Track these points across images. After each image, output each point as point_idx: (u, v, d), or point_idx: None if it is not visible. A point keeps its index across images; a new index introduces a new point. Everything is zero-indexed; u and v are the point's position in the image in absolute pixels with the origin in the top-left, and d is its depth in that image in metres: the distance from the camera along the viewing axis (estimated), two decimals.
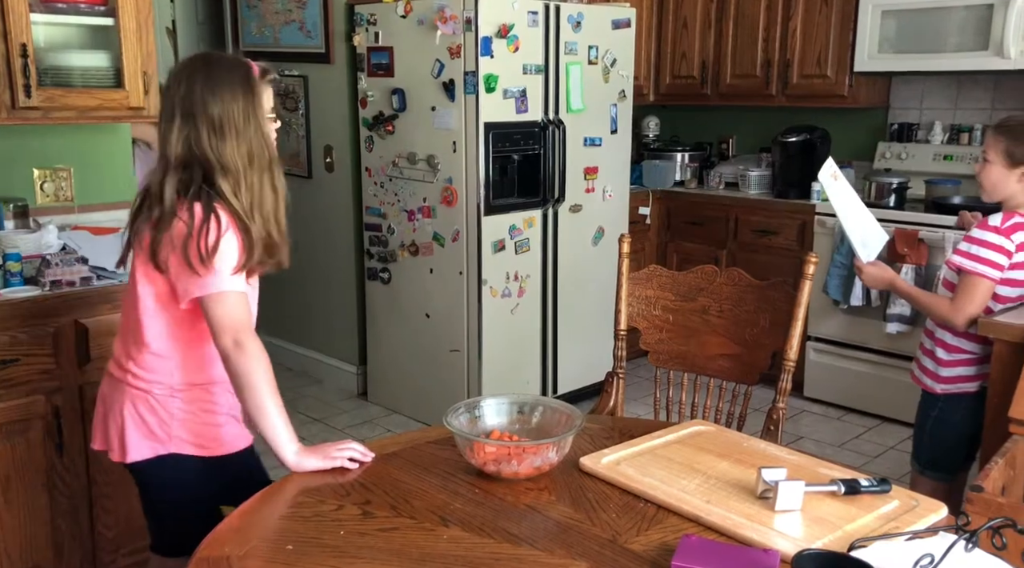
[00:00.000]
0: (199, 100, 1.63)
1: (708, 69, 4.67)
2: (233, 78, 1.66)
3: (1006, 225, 2.17)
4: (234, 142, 1.64)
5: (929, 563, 1.12)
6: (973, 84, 4.10)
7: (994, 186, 2.22)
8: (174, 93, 1.65)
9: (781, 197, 4.26)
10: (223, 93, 1.64)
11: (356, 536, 1.35)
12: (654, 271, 2.30)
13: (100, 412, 1.79)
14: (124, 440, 1.70)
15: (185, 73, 1.66)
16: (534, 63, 3.57)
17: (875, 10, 3.97)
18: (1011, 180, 2.19)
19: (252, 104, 1.67)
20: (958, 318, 2.21)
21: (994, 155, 2.20)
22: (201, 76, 1.64)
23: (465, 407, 1.65)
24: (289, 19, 4.13)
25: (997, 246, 2.16)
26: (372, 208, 3.91)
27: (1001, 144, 2.18)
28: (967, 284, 2.20)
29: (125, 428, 1.70)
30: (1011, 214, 2.19)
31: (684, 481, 1.50)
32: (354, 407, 4.07)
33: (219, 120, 1.62)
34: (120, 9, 2.48)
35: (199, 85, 1.63)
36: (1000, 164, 2.19)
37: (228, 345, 1.58)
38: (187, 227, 1.58)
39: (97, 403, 1.81)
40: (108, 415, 1.74)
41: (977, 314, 2.20)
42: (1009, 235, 2.16)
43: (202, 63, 1.68)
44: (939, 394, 2.32)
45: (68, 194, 2.75)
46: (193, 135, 1.62)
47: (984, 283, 2.18)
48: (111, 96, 2.51)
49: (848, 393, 4.03)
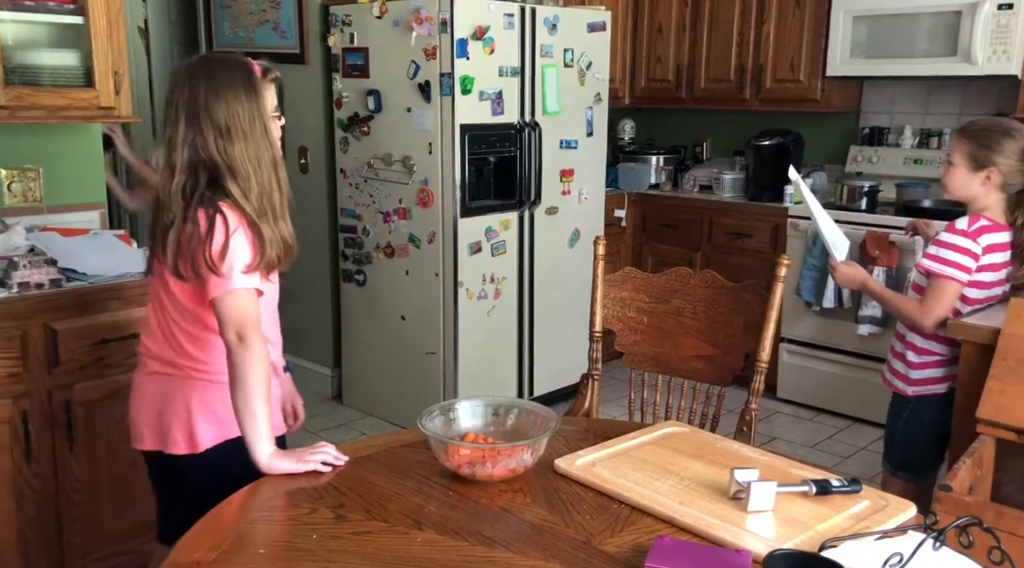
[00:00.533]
0: (203, 104, 1.64)
1: (683, 73, 4.70)
2: (235, 80, 1.66)
3: (973, 228, 2.20)
4: (242, 144, 1.65)
5: (898, 562, 1.13)
6: (942, 89, 4.17)
7: (958, 189, 2.26)
8: (177, 98, 1.66)
9: (754, 200, 4.30)
10: (227, 96, 1.64)
11: (329, 540, 1.34)
12: (629, 273, 2.31)
13: (150, 412, 1.77)
14: (193, 430, 1.72)
15: (186, 77, 1.67)
16: (510, 65, 3.57)
17: (847, 16, 4.02)
18: (974, 183, 2.22)
19: (256, 105, 1.68)
20: (926, 320, 2.24)
21: (959, 158, 2.23)
22: (203, 80, 1.65)
23: (440, 410, 1.64)
24: (263, 19, 4.10)
25: (964, 249, 2.20)
26: (347, 210, 3.89)
27: (965, 147, 2.22)
28: (935, 287, 2.23)
29: (193, 418, 1.72)
30: (977, 217, 2.22)
31: (658, 482, 1.51)
32: (329, 410, 4.04)
33: (225, 123, 1.64)
34: (90, 8, 2.45)
35: (202, 89, 1.64)
36: (964, 167, 2.22)
37: (232, 338, 1.60)
38: (196, 232, 1.61)
39: (140, 405, 1.79)
40: (166, 412, 1.74)
41: (945, 316, 2.23)
42: (976, 238, 2.20)
43: (202, 66, 1.69)
44: (910, 396, 2.35)
45: (37, 195, 2.71)
46: (200, 140, 1.64)
47: (952, 285, 2.21)
48: (81, 95, 2.48)
49: (820, 394, 4.08)
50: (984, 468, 1.98)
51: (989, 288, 2.26)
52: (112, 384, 2.37)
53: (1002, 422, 1.96)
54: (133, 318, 2.38)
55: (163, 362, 1.76)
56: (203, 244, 1.59)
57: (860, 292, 3.76)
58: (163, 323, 1.75)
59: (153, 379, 1.78)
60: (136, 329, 2.38)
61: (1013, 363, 2.01)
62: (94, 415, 2.36)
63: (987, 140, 2.19)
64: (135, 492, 2.47)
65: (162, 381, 1.77)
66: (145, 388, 1.79)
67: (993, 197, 2.23)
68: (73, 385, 2.30)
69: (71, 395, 2.30)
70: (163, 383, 1.76)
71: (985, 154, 2.19)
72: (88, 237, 2.63)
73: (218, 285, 1.60)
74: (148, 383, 1.79)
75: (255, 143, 1.67)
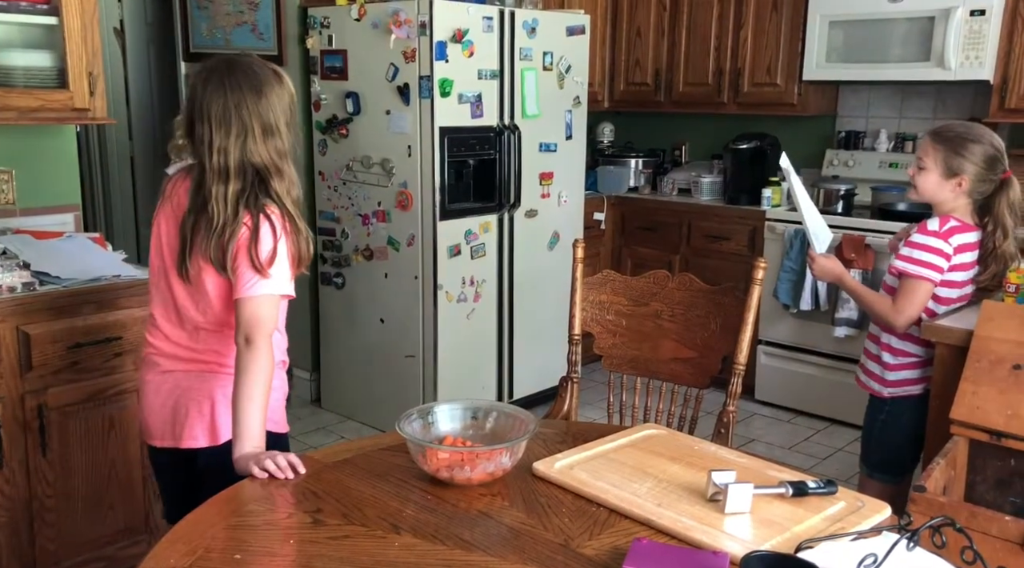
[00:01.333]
0: (249, 106, 1.67)
1: (661, 77, 4.72)
2: (269, 78, 1.72)
3: (944, 229, 2.23)
4: (281, 142, 1.72)
5: (872, 563, 1.14)
6: (916, 94, 4.22)
7: (929, 193, 2.28)
8: (210, 102, 1.68)
9: (732, 203, 4.33)
10: (269, 95, 1.70)
11: (307, 544, 1.33)
12: (608, 276, 2.32)
13: (165, 409, 1.79)
14: (215, 423, 1.75)
15: (222, 80, 1.68)
16: (489, 68, 3.57)
17: (823, 21, 4.06)
18: (946, 189, 2.25)
19: (286, 102, 1.74)
20: (898, 319, 2.27)
21: (931, 163, 2.25)
22: (242, 81, 1.68)
23: (418, 413, 1.64)
24: (241, 21, 4.07)
25: (936, 249, 2.22)
26: (325, 212, 3.87)
27: (940, 154, 2.24)
28: (907, 287, 2.25)
29: (216, 412, 1.76)
30: (947, 218, 2.25)
31: (636, 485, 1.51)
32: (307, 414, 4.02)
33: (272, 123, 1.70)
34: (64, 8, 2.43)
35: (245, 90, 1.68)
36: (937, 173, 2.25)
37: (240, 341, 1.65)
38: (240, 235, 1.66)
39: (154, 403, 1.81)
40: (189, 407, 1.77)
41: (916, 316, 2.26)
42: (947, 238, 2.23)
43: (236, 68, 1.71)
44: (886, 398, 2.37)
45: (9, 197, 2.68)
46: (250, 142, 1.68)
47: (924, 285, 2.23)
48: (54, 97, 2.45)
49: (798, 396, 4.11)
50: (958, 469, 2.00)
51: (961, 287, 2.30)
52: (86, 388, 2.34)
53: (975, 423, 1.99)
54: (108, 322, 2.36)
55: (180, 359, 1.79)
56: (247, 247, 1.64)
57: (836, 295, 3.80)
58: (184, 321, 1.78)
59: (169, 377, 1.81)
60: (111, 332, 2.36)
61: (986, 365, 2.03)
62: (68, 420, 2.33)
63: (961, 148, 2.21)
64: (110, 499, 2.44)
65: (179, 378, 1.79)
66: (160, 386, 1.81)
67: (961, 201, 2.27)
68: (46, 389, 2.28)
69: (44, 399, 2.27)
70: (181, 379, 1.79)
71: (959, 162, 2.21)
72: (62, 240, 2.60)
73: (250, 287, 1.65)
74: (163, 381, 1.81)
75: (287, 140, 1.73)
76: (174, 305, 1.78)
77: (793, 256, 3.91)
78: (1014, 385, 1.98)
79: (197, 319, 1.76)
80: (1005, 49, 3.62)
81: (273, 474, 1.53)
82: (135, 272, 2.46)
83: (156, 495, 2.51)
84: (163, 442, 1.80)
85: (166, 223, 1.78)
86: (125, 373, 2.41)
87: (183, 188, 1.75)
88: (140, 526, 2.51)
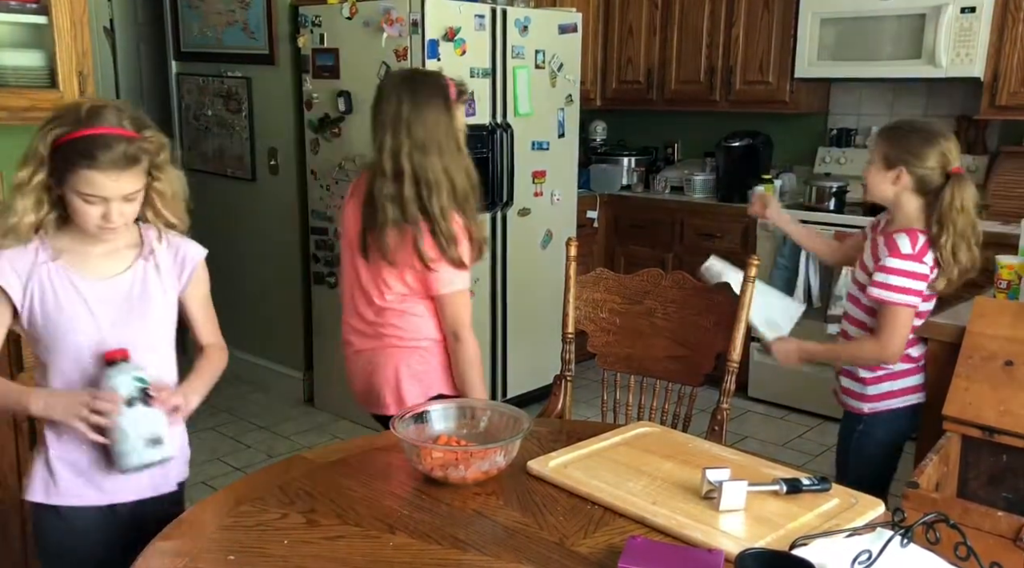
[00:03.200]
0: (405, 119, 1.95)
1: (653, 75, 4.72)
2: (436, 98, 1.99)
3: (918, 248, 2.12)
4: (436, 157, 1.96)
5: (867, 559, 1.15)
6: (907, 91, 4.23)
7: (872, 186, 2.22)
8: (384, 109, 1.99)
9: (725, 201, 4.33)
10: (427, 114, 1.96)
11: (301, 545, 1.33)
12: (601, 274, 2.32)
13: (362, 381, 2.16)
14: (400, 392, 2.07)
15: (393, 91, 1.99)
16: (481, 67, 3.57)
17: (814, 18, 4.06)
18: (887, 181, 2.17)
19: (450, 124, 2.00)
20: (888, 354, 2.15)
21: (874, 156, 2.21)
22: (407, 96, 1.97)
23: (412, 413, 1.63)
24: (232, 20, 4.05)
25: (912, 273, 2.11)
26: (318, 211, 3.86)
27: (880, 147, 2.19)
28: (889, 317, 2.12)
29: (400, 381, 2.07)
30: (915, 234, 2.13)
31: (630, 483, 1.51)
32: (301, 414, 4.01)
33: (423, 139, 1.95)
34: (54, 7, 2.41)
35: (405, 105, 1.96)
36: (877, 165, 2.20)
37: (450, 337, 2.05)
38: (428, 234, 1.96)
39: (356, 377, 2.18)
40: (380, 381, 2.10)
41: (903, 344, 2.15)
42: (922, 258, 2.12)
43: (407, 82, 2.01)
44: (866, 413, 2.27)
45: None
46: (414, 152, 1.95)
47: (906, 312, 2.12)
48: (45, 97, 2.44)
49: (791, 393, 4.12)
50: (950, 465, 2.01)
51: (935, 298, 2.22)
52: None
53: (968, 419, 1.99)
54: None
55: (367, 336, 2.11)
56: (441, 242, 1.95)
57: (829, 292, 3.81)
58: (370, 305, 2.08)
59: (360, 356, 2.15)
60: None
61: (978, 361, 2.04)
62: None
63: (901, 140, 2.15)
64: None
65: (368, 356, 2.12)
66: (355, 364, 2.17)
67: (912, 202, 2.15)
68: None
69: None
70: (369, 358, 2.12)
71: (895, 153, 2.14)
72: None
73: (445, 283, 2.00)
74: (356, 360, 2.16)
75: (450, 155, 1.97)
76: (360, 287, 2.09)
77: (786, 254, 3.92)
78: (1006, 381, 1.99)
79: (384, 300, 2.05)
80: (995, 46, 3.63)
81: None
82: None
83: None
84: (376, 408, 2.16)
85: (353, 215, 2.09)
86: None
87: (363, 185, 2.06)
88: None
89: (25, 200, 1.50)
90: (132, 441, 1.46)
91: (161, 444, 1.49)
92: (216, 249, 1.66)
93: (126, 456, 1.47)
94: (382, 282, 2.04)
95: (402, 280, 2.03)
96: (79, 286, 1.52)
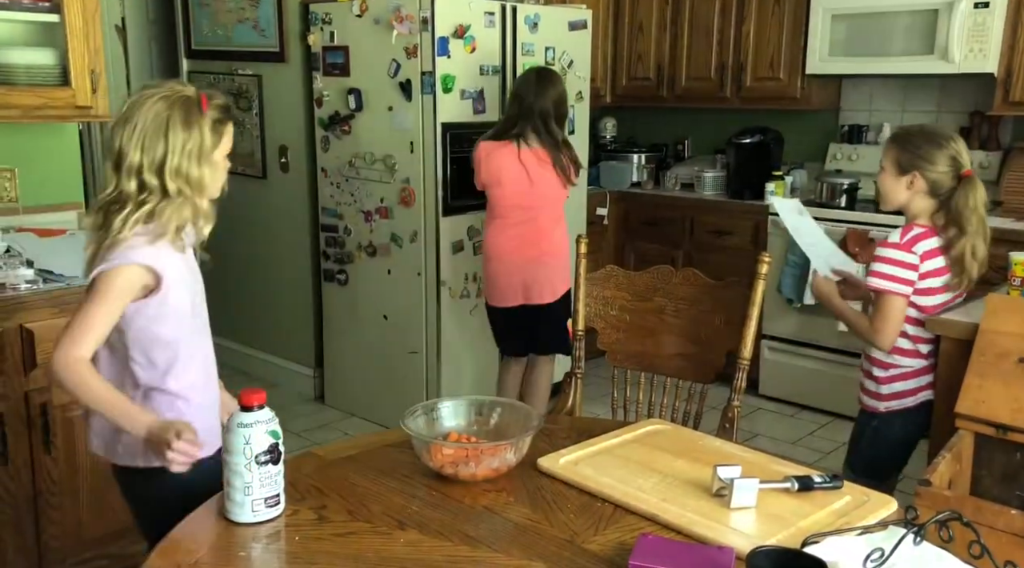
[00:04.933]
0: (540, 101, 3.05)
1: (664, 71, 4.71)
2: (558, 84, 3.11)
3: (906, 239, 2.18)
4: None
5: (879, 557, 1.14)
6: (919, 87, 4.20)
7: (886, 193, 2.25)
8: (529, 101, 3.04)
9: (736, 198, 4.32)
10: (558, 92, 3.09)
11: (311, 541, 1.33)
12: (611, 271, 2.31)
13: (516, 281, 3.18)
14: (555, 286, 3.19)
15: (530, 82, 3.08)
16: (491, 64, 3.56)
17: (825, 14, 4.04)
18: (900, 186, 2.20)
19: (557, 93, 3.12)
20: (878, 339, 2.21)
21: (886, 163, 2.23)
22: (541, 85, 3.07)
23: (422, 409, 1.64)
24: (242, 18, 4.06)
25: (900, 261, 2.17)
26: (328, 209, 3.87)
27: (892, 153, 2.21)
28: (881, 304, 2.20)
29: (556, 278, 3.21)
30: (909, 227, 2.20)
31: (641, 480, 1.51)
32: (311, 411, 4.02)
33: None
34: (66, 6, 2.42)
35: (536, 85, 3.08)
36: (890, 172, 2.22)
37: None
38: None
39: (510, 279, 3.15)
40: (534, 280, 3.21)
41: (895, 333, 2.20)
42: (911, 248, 2.17)
43: (539, 75, 3.11)
44: (882, 412, 2.32)
45: (12, 195, 2.68)
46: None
47: (896, 301, 2.17)
48: (57, 95, 2.45)
49: (802, 390, 4.10)
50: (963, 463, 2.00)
51: (939, 294, 2.23)
52: None
53: (981, 417, 1.98)
54: None
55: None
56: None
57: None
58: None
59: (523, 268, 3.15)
60: None
61: (991, 358, 2.03)
62: (72, 417, 2.33)
63: (911, 145, 2.18)
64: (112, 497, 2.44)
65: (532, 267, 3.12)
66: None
67: (923, 203, 2.20)
68: (50, 387, 2.28)
69: (48, 397, 2.27)
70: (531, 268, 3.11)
71: (908, 159, 2.17)
72: (65, 238, 2.60)
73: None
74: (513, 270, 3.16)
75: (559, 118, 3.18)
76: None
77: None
78: (1019, 378, 1.97)
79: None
80: (1009, 42, 3.60)
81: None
82: None
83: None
84: (519, 302, 3.12)
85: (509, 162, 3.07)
86: None
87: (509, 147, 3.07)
88: None
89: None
90: (253, 501, 1.36)
91: (279, 504, 1.40)
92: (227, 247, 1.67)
93: (241, 511, 1.37)
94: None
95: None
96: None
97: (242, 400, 1.37)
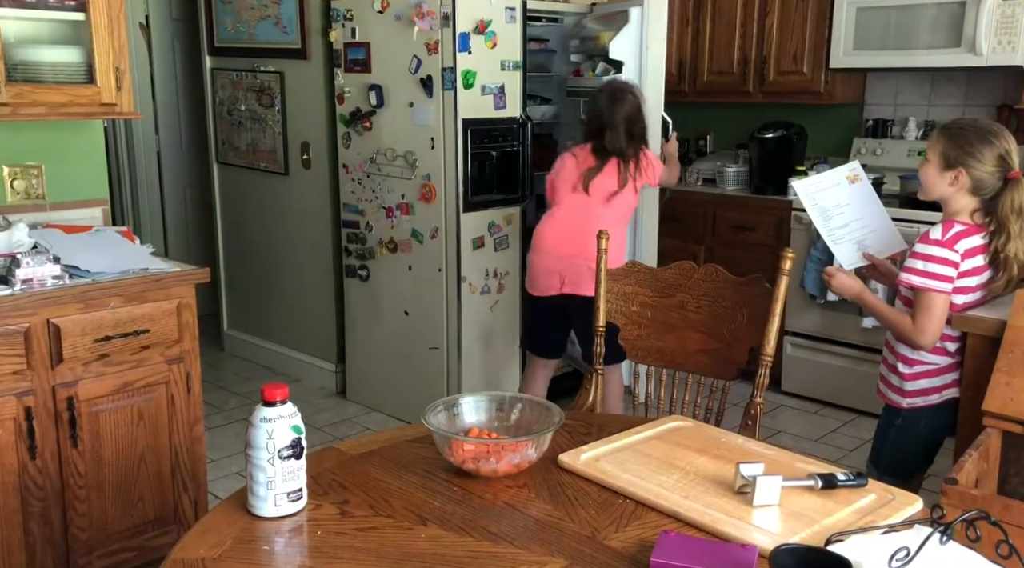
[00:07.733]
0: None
1: (685, 66, 4.68)
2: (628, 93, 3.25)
3: (948, 236, 2.14)
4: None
5: (905, 556, 1.13)
6: (946, 80, 4.15)
7: (928, 185, 2.22)
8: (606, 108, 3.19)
9: (758, 193, 4.29)
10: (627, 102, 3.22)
11: (334, 536, 1.34)
12: (633, 267, 2.30)
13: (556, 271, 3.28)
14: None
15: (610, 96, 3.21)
16: (512, 59, 3.56)
17: (850, 7, 4.00)
18: (943, 182, 2.17)
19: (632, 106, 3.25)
20: (922, 338, 2.17)
21: (932, 155, 2.18)
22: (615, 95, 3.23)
23: (443, 405, 1.64)
24: (264, 15, 4.09)
25: (941, 259, 2.13)
26: (350, 205, 3.89)
27: (940, 145, 2.17)
28: (923, 302, 2.16)
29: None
30: (950, 223, 2.17)
31: (662, 477, 1.50)
32: (333, 405, 4.04)
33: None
34: (91, 4, 2.45)
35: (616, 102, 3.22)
36: (935, 164, 2.18)
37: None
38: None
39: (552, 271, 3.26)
40: (573, 269, 3.23)
41: (938, 331, 2.17)
42: (952, 245, 2.14)
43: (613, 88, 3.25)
44: (904, 408, 2.30)
45: (39, 192, 2.71)
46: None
47: (939, 298, 2.14)
48: (82, 92, 2.48)
49: (825, 387, 4.07)
50: (990, 461, 1.97)
51: (974, 291, 2.21)
52: (116, 380, 2.37)
53: (1008, 415, 1.95)
54: (136, 315, 2.38)
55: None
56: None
57: None
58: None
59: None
60: (140, 325, 2.39)
61: (1020, 355, 2.00)
62: (98, 412, 2.36)
63: (961, 140, 2.14)
64: (139, 490, 2.47)
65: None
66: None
67: (965, 201, 2.17)
68: (77, 382, 2.31)
69: (75, 392, 2.30)
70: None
71: (956, 154, 2.13)
72: (91, 234, 2.62)
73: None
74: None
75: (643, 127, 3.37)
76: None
77: (820, 246, 3.86)
78: None
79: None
80: None
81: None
82: (163, 265, 2.48)
83: (184, 486, 2.54)
84: (563, 291, 3.17)
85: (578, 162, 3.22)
86: (153, 365, 2.44)
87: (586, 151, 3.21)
88: (169, 517, 2.54)
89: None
90: (276, 495, 1.37)
91: (301, 498, 1.40)
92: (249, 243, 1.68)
93: (264, 505, 1.37)
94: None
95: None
96: None
97: (265, 395, 1.37)
